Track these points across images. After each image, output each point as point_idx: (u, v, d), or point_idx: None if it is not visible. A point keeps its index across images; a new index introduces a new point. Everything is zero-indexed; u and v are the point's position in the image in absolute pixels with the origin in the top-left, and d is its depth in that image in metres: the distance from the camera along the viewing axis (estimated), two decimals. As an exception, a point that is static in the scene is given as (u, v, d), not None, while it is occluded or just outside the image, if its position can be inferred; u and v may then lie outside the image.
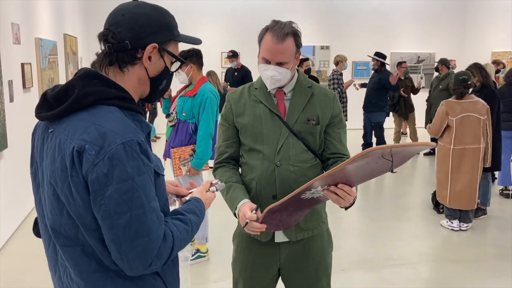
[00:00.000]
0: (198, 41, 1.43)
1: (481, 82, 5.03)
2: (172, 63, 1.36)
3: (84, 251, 1.23)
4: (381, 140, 7.53)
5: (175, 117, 3.73)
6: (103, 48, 1.28)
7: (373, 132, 7.73)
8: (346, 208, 1.74)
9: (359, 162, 1.48)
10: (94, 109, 1.20)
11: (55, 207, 1.22)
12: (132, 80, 1.30)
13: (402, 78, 8.24)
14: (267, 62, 1.87)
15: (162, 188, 1.32)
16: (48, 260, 1.36)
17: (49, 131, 1.24)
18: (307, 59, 7.57)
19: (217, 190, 1.62)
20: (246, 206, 1.83)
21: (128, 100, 1.26)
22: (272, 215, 1.77)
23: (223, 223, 4.58)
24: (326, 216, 2.12)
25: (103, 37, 1.26)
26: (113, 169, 1.13)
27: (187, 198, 1.52)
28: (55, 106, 1.22)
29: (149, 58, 1.28)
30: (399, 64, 8.35)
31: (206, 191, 1.57)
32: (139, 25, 1.25)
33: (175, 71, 1.40)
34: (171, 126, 3.78)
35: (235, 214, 1.91)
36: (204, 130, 3.62)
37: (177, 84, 3.68)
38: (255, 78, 7.29)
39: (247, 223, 1.78)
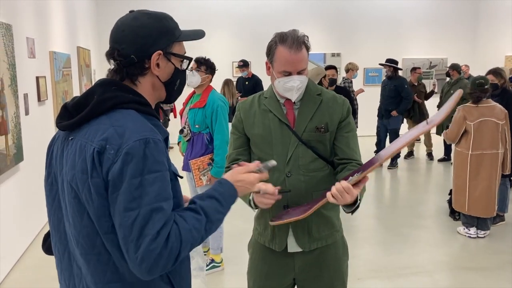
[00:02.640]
0: (201, 34, 1.43)
1: (502, 87, 5.00)
2: (181, 62, 1.39)
3: (99, 260, 1.24)
4: None
5: (189, 131, 3.75)
6: (113, 65, 1.33)
7: (387, 139, 7.71)
8: (352, 212, 1.77)
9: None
10: (112, 112, 1.25)
11: (75, 211, 1.24)
12: (147, 89, 1.34)
13: (416, 84, 8.23)
14: (288, 74, 1.87)
15: (178, 191, 1.33)
16: (62, 272, 1.37)
17: (70, 139, 1.28)
18: (332, 67, 6.17)
19: (265, 168, 1.47)
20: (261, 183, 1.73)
21: (145, 104, 1.31)
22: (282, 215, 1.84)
23: (238, 232, 4.57)
24: (341, 225, 2.10)
25: (110, 56, 1.32)
26: (127, 164, 1.15)
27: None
28: (76, 114, 1.27)
29: (157, 65, 1.32)
30: (413, 69, 8.34)
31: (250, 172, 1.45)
32: (140, 37, 1.29)
33: (187, 68, 1.43)
34: (186, 141, 3.80)
35: (249, 202, 1.88)
36: (221, 139, 3.65)
37: (182, 96, 3.71)
38: (266, 87, 7.31)
39: (259, 192, 1.69)
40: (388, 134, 7.70)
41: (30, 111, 4.85)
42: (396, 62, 7.51)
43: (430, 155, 8.43)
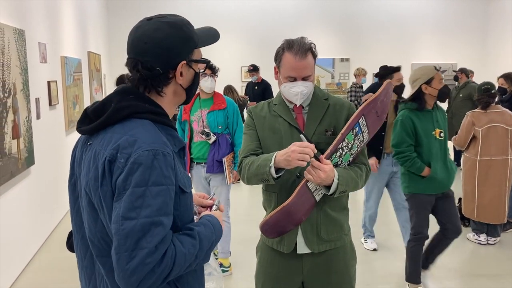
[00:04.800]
0: (217, 36, 1.47)
1: (511, 92, 4.98)
2: (199, 65, 1.41)
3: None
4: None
5: (212, 134, 3.79)
6: (132, 72, 1.31)
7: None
8: (332, 195, 1.86)
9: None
10: (128, 121, 1.26)
11: (90, 216, 1.26)
12: (169, 96, 1.35)
13: None
14: (293, 79, 1.93)
15: (188, 204, 1.32)
16: (83, 270, 1.38)
17: (88, 143, 1.31)
18: (398, 69, 4.51)
19: (217, 207, 1.56)
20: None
21: (161, 114, 1.31)
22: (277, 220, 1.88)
23: (246, 237, 4.57)
24: (349, 229, 2.13)
25: (133, 68, 1.30)
26: (133, 173, 1.16)
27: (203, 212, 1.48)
28: (94, 120, 1.29)
29: (181, 73, 1.33)
30: None
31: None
32: (164, 50, 1.29)
33: (204, 71, 1.44)
34: (211, 144, 3.81)
35: (265, 174, 1.86)
36: None
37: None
38: (275, 92, 7.29)
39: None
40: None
41: (42, 115, 4.90)
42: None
43: (439, 161, 8.37)
